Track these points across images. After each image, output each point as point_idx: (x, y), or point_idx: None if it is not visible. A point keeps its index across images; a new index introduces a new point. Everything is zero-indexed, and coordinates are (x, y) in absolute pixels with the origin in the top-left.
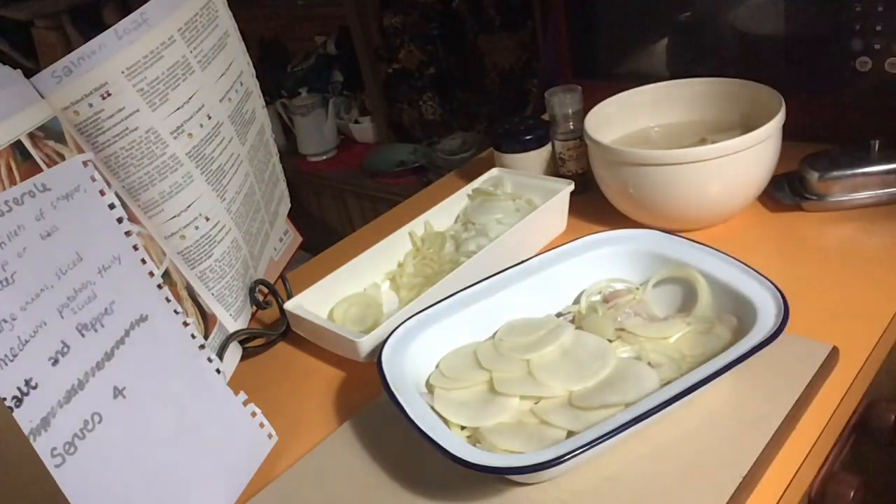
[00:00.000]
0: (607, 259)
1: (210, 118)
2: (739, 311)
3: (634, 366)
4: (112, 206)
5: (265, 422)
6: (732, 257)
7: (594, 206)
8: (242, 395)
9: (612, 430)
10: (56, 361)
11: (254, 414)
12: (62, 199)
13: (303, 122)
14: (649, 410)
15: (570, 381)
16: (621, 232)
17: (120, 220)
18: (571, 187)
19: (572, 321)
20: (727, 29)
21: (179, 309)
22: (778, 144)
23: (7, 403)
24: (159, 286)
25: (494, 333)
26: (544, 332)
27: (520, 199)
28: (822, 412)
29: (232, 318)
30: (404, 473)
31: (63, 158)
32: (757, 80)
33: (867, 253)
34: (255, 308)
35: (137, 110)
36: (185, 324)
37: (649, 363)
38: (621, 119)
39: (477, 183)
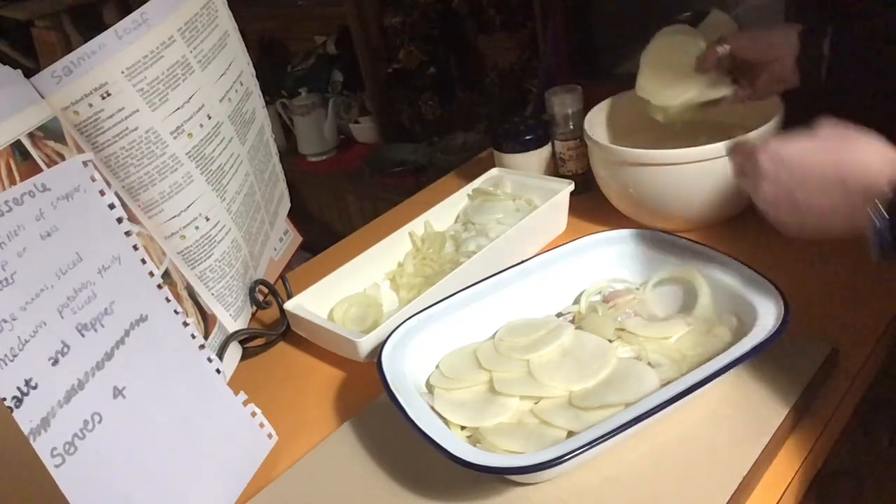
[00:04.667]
0: (607, 259)
1: (210, 118)
2: (739, 311)
3: (634, 366)
4: (112, 206)
5: (265, 422)
6: (732, 257)
7: (594, 206)
8: (242, 395)
9: (612, 430)
10: (56, 361)
11: (254, 414)
12: (62, 199)
13: (303, 122)
14: (649, 410)
15: (570, 381)
16: (621, 232)
17: (120, 220)
18: (571, 187)
19: (572, 321)
20: None
21: (179, 309)
22: None
23: (7, 403)
24: (159, 286)
25: (494, 333)
26: (544, 332)
27: (520, 199)
28: (822, 412)
29: (232, 318)
30: (404, 473)
31: (63, 158)
32: None
33: (867, 253)
34: (255, 308)
35: (137, 110)
36: (185, 324)
37: (649, 363)
38: (621, 119)
39: (477, 183)
